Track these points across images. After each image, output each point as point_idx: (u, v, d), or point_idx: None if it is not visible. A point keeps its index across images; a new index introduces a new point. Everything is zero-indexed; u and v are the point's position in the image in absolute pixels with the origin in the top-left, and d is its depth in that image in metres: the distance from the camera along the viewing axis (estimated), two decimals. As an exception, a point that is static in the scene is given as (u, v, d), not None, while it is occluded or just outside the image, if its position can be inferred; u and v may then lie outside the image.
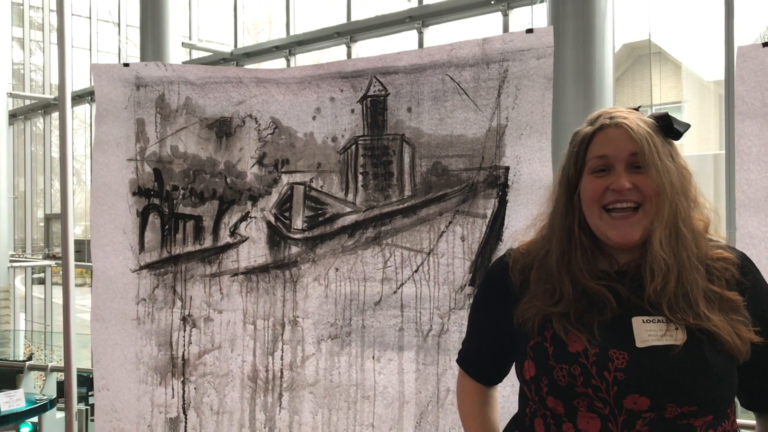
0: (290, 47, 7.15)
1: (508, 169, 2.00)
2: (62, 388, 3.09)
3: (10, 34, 12.33)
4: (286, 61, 7.18)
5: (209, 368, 2.40)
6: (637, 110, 1.23)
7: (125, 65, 2.52)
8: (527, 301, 1.24)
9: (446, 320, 2.07)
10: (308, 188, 2.28)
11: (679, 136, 1.20)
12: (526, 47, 1.98)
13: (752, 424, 1.21)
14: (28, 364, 4.71)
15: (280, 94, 2.32)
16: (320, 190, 2.26)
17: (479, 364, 1.42)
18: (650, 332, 1.11)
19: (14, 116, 12.20)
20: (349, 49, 6.67)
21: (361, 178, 2.20)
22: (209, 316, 2.40)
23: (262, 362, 2.33)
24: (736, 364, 1.11)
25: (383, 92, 2.17)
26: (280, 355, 2.31)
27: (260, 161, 2.35)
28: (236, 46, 7.90)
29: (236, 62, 7.57)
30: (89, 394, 5.41)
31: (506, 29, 5.56)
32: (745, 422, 2.02)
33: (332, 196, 2.24)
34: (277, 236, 2.32)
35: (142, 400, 2.48)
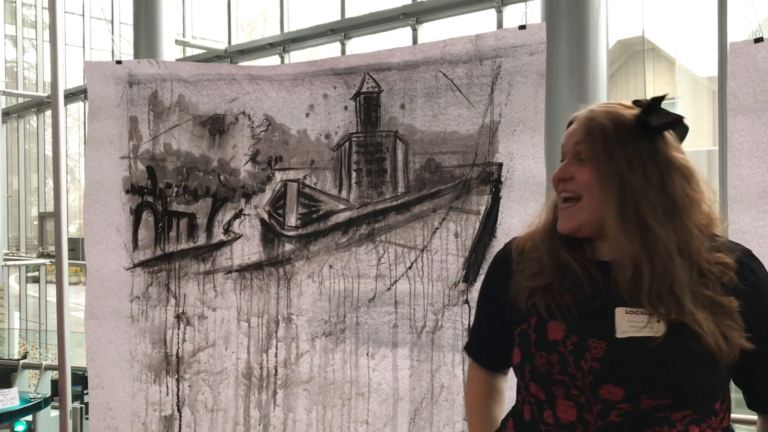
0: (284, 44, 7.14)
1: (501, 165, 2.01)
2: (57, 386, 3.08)
3: (3, 31, 12.28)
4: (280, 58, 7.17)
5: (203, 366, 2.40)
6: (635, 103, 1.19)
7: (118, 62, 2.51)
8: (516, 279, 1.26)
9: (440, 317, 2.08)
10: (302, 185, 2.28)
11: (655, 132, 1.15)
12: (518, 43, 1.98)
13: (752, 419, 1.20)
14: (22, 362, 4.69)
15: (273, 91, 2.31)
16: (314, 187, 2.26)
17: (483, 347, 1.42)
18: (631, 323, 1.10)
19: (8, 114, 12.15)
20: (343, 46, 6.66)
21: (354, 175, 2.20)
22: (203, 313, 2.40)
23: (256, 359, 2.33)
24: (722, 364, 1.09)
25: (376, 89, 2.16)
26: (274, 352, 2.31)
27: (254, 158, 2.35)
28: (230, 43, 7.89)
29: (230, 59, 7.56)
30: (84, 392, 5.39)
31: (500, 26, 5.56)
32: (743, 417, 2.01)
33: (326, 193, 2.24)
34: (270, 233, 2.32)
35: (136, 398, 2.48)
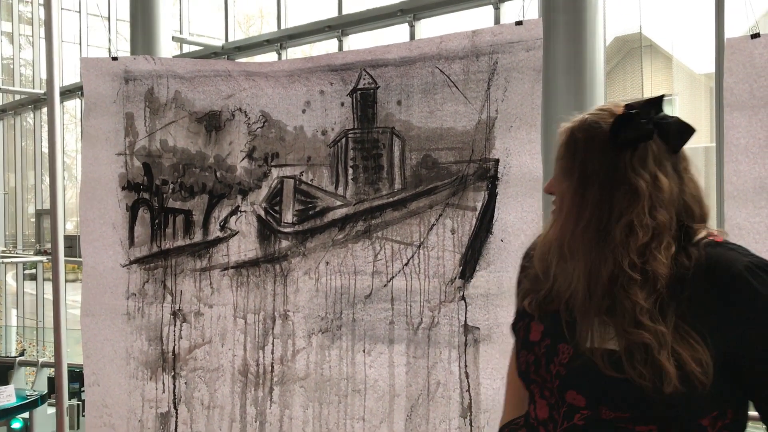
0: (281, 41, 7.12)
1: (497, 161, 2.00)
2: (53, 383, 3.08)
3: (-1, 28, 12.25)
4: (277, 54, 7.15)
5: (200, 363, 2.39)
6: (626, 107, 1.13)
7: (114, 59, 2.51)
8: (520, 278, 1.28)
9: (436, 313, 2.07)
10: (298, 182, 2.27)
11: (625, 145, 1.09)
12: (515, 39, 1.97)
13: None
14: (18, 359, 4.69)
15: (269, 87, 2.31)
16: (310, 183, 2.26)
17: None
18: (599, 334, 1.09)
19: (4, 111, 12.12)
20: (340, 42, 6.64)
21: (351, 171, 2.20)
22: (199, 310, 2.40)
23: (252, 356, 2.33)
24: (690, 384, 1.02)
25: (373, 85, 2.16)
26: (270, 349, 2.31)
27: (250, 155, 2.34)
28: (227, 39, 7.86)
29: (227, 56, 7.54)
30: (81, 389, 5.39)
31: (498, 22, 5.55)
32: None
33: (322, 189, 2.24)
34: (267, 230, 2.31)
35: (132, 395, 2.47)
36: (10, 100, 12.20)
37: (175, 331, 2.43)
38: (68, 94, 10.07)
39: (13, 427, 4.14)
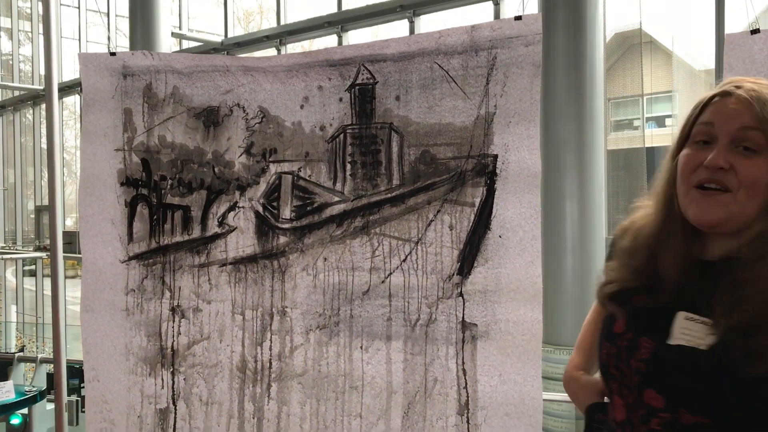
0: (281, 37, 7.11)
1: (496, 157, 1.99)
2: (52, 379, 3.08)
3: (-2, 24, 12.23)
4: (276, 50, 7.14)
5: (198, 359, 2.39)
6: None
7: (112, 54, 2.50)
8: (608, 267, 1.19)
9: (434, 310, 2.07)
10: (296, 177, 2.27)
11: None
12: (514, 34, 1.96)
13: None
14: (17, 355, 4.69)
15: (267, 82, 2.30)
16: (308, 179, 2.25)
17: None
18: (685, 330, 1.01)
19: (3, 107, 12.12)
20: (340, 38, 6.63)
21: (349, 167, 2.19)
22: (198, 306, 2.39)
23: (250, 353, 2.33)
24: None
25: (371, 80, 2.15)
26: (268, 345, 2.30)
27: (248, 151, 2.34)
28: (226, 35, 7.85)
29: (227, 52, 7.53)
30: (81, 385, 5.39)
31: (497, 18, 5.54)
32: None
33: (320, 185, 2.23)
34: (265, 226, 2.31)
35: (132, 391, 2.47)
36: (9, 96, 12.19)
37: (173, 327, 2.43)
38: (67, 90, 10.06)
39: (12, 422, 4.14)
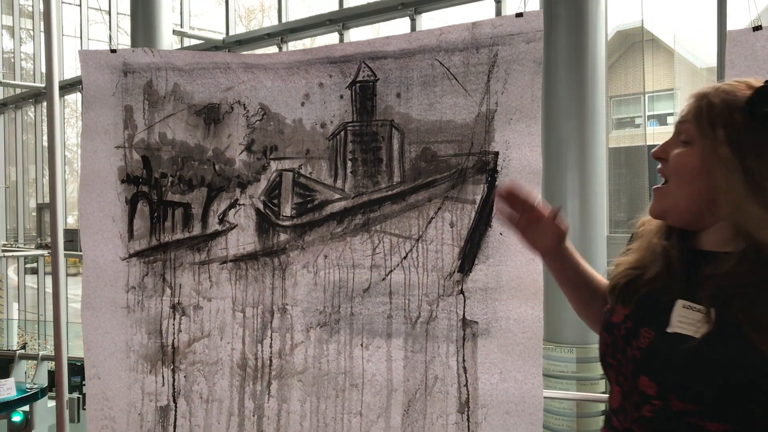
0: (282, 34, 7.11)
1: (497, 154, 1.99)
2: (54, 377, 3.08)
3: (0, 22, 12.23)
4: (278, 48, 7.14)
5: (199, 356, 2.39)
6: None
7: (112, 51, 2.49)
8: (618, 258, 1.24)
9: (435, 307, 2.07)
10: (297, 175, 2.26)
11: (761, 118, 1.04)
12: (515, 31, 1.96)
13: None
14: (18, 353, 4.69)
15: (268, 80, 2.29)
16: (309, 176, 2.25)
17: None
18: (682, 319, 1.05)
19: (5, 105, 12.12)
20: (341, 36, 6.63)
21: (350, 164, 2.19)
22: (198, 303, 2.39)
23: (251, 350, 2.32)
24: None
25: (372, 77, 2.15)
26: (269, 342, 2.30)
27: (249, 148, 2.33)
28: (228, 33, 7.85)
29: (228, 50, 7.52)
30: (82, 383, 5.40)
31: (499, 15, 5.53)
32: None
33: (321, 182, 2.23)
34: (265, 223, 2.30)
35: (132, 388, 2.47)
36: (11, 93, 12.20)
37: (174, 324, 2.42)
38: (69, 88, 10.06)
39: (13, 420, 4.15)
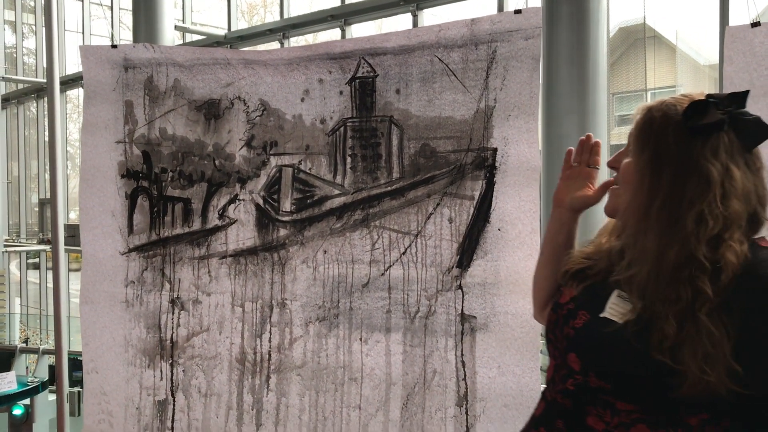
0: (284, 30, 7.11)
1: (495, 150, 1.99)
2: (54, 371, 3.09)
3: (2, 17, 12.24)
4: (280, 44, 7.14)
5: (197, 351, 2.40)
6: (710, 94, 1.12)
7: (113, 47, 2.50)
8: (577, 248, 1.37)
9: (433, 302, 2.07)
10: (297, 170, 2.27)
11: (697, 132, 1.08)
12: (514, 28, 1.96)
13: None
14: (20, 347, 4.72)
15: (268, 75, 2.30)
16: (309, 172, 2.25)
17: None
18: (614, 306, 1.13)
19: (7, 100, 12.14)
20: (343, 32, 6.63)
21: (349, 160, 2.19)
22: (198, 298, 2.40)
23: (250, 344, 2.33)
24: (688, 381, 1.01)
25: (372, 74, 2.15)
26: (268, 337, 2.31)
27: (249, 143, 2.34)
28: (230, 29, 7.85)
29: (230, 45, 7.52)
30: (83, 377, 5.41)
31: (500, 12, 5.53)
32: None
33: (321, 178, 2.23)
34: (265, 219, 2.31)
35: (130, 382, 2.48)
36: (13, 89, 12.21)
37: (173, 318, 2.43)
38: (71, 83, 10.07)
39: (14, 413, 4.16)
